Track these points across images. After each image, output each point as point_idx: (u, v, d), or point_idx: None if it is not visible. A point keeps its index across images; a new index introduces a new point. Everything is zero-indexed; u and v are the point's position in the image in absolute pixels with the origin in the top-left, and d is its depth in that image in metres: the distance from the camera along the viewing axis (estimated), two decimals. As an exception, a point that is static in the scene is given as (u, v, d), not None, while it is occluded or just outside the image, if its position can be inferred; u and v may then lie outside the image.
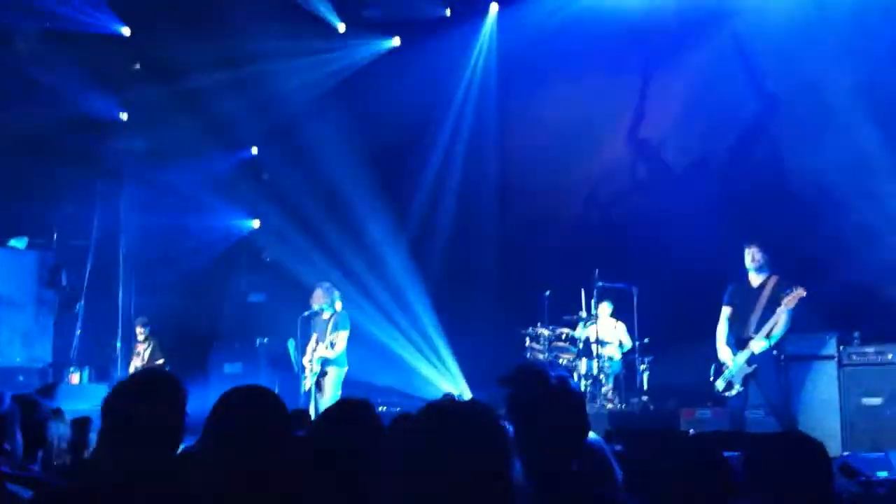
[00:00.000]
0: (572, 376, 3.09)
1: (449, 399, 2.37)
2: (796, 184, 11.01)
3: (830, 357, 8.89)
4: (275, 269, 14.78)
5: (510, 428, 2.52)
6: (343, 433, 2.99)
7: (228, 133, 13.98)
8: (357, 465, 2.82)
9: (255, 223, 15.28)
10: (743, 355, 8.59)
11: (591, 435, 3.25)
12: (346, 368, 10.73)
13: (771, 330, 8.50)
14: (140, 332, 12.71)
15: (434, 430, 1.93)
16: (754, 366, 8.54)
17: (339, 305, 10.96)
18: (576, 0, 12.06)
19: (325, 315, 10.87)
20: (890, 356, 8.73)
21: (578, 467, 2.81)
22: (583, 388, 10.50)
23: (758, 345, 8.51)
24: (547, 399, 2.81)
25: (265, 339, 13.48)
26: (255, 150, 15.12)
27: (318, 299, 10.90)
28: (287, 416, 2.81)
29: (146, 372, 3.44)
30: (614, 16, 11.85)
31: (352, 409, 3.16)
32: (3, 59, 11.45)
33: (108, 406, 2.83)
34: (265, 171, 15.14)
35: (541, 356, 10.82)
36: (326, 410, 3.29)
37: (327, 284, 11.11)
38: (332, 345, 10.62)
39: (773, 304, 8.53)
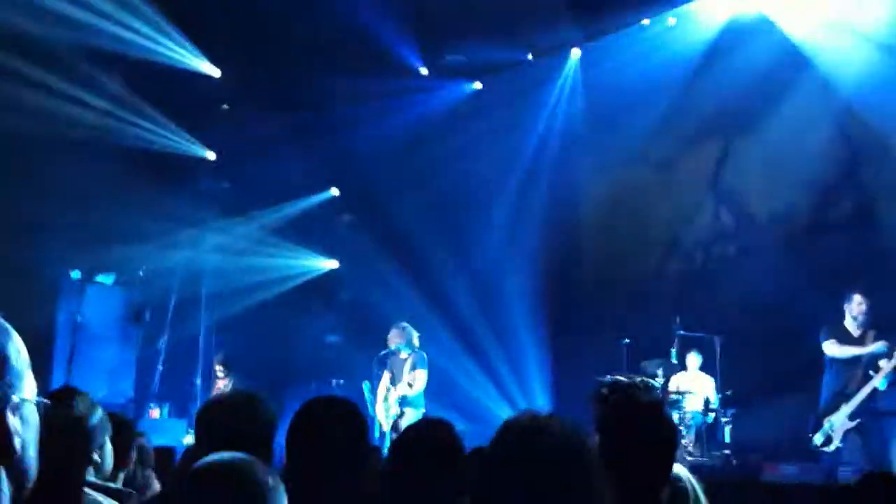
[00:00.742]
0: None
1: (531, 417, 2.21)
2: (886, 237, 10.66)
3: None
4: (351, 309, 14.86)
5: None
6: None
7: (311, 174, 14.18)
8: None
9: (333, 263, 15.42)
10: (847, 408, 8.24)
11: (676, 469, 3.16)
12: (423, 410, 10.64)
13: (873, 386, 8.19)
14: (220, 369, 12.87)
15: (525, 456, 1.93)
16: (857, 420, 8.20)
17: (416, 343, 10.88)
18: (659, 45, 11.95)
19: (403, 355, 10.81)
20: None
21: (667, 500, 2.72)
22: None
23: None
24: (635, 425, 2.73)
25: (341, 381, 13.50)
26: (335, 191, 15.30)
27: (395, 339, 10.83)
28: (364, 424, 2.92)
29: (241, 391, 3.55)
30: (697, 66, 11.73)
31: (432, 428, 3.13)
32: (90, 101, 11.80)
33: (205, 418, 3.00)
34: (345, 211, 15.29)
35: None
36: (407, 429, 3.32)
37: (404, 324, 11.01)
38: (411, 385, 10.55)
39: (874, 358, 8.22)
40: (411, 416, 10.52)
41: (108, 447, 3.16)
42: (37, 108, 10.64)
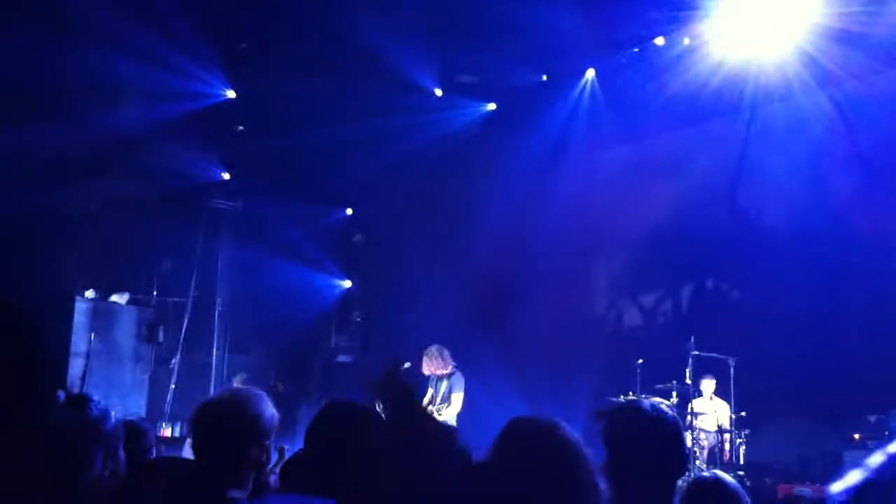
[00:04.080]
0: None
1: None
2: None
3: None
4: (365, 329, 14.87)
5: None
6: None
7: (325, 194, 14.24)
8: None
9: (347, 283, 15.44)
10: None
11: (723, 475, 3.17)
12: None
13: None
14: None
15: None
16: None
17: (451, 363, 10.43)
18: (674, 71, 11.93)
19: (440, 375, 10.40)
20: None
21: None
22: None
23: None
24: (641, 431, 2.75)
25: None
26: (349, 211, 15.34)
27: (433, 366, 10.35)
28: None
29: (229, 389, 3.66)
30: (713, 84, 11.72)
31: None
32: (110, 122, 11.89)
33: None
34: (358, 231, 15.34)
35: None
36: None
37: (436, 346, 10.50)
38: (448, 407, 10.28)
39: None
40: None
41: (121, 454, 3.19)
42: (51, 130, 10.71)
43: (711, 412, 10.86)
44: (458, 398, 10.28)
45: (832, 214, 11.20)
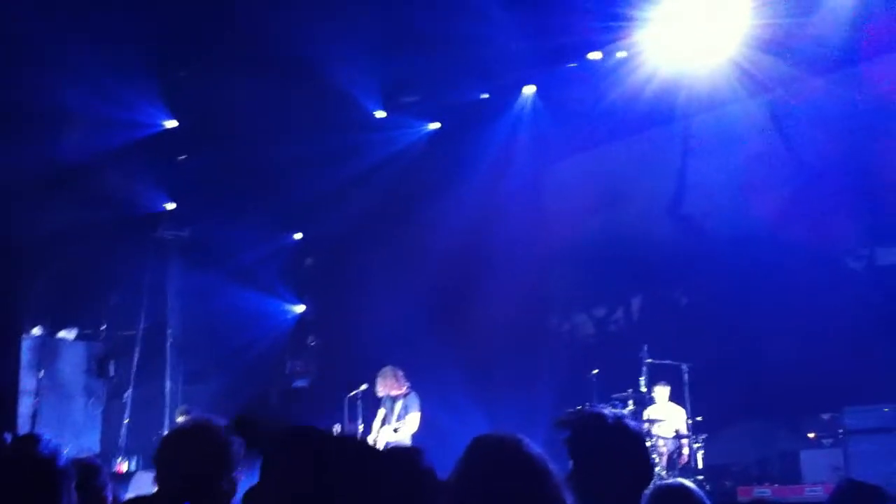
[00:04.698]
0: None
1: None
2: (842, 253, 10.88)
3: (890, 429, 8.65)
4: (319, 353, 14.77)
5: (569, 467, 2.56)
6: None
7: (275, 218, 14.14)
8: None
9: (300, 308, 15.34)
10: None
11: (687, 483, 3.19)
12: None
13: None
14: (181, 421, 12.69)
15: None
16: None
17: (405, 384, 10.44)
18: (612, 84, 12.08)
19: (394, 395, 10.39)
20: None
21: None
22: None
23: None
24: (604, 439, 2.76)
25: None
26: (299, 235, 15.26)
27: (387, 387, 10.38)
28: None
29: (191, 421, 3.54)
30: (650, 95, 11.91)
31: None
32: (53, 151, 11.70)
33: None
34: (309, 254, 15.26)
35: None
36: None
37: (389, 367, 10.53)
38: (396, 430, 10.22)
39: None
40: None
41: (74, 494, 3.11)
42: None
43: (668, 418, 10.95)
44: (413, 418, 10.26)
45: (769, 220, 11.43)
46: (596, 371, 11.05)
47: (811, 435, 10.08)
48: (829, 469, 9.06)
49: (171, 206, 14.11)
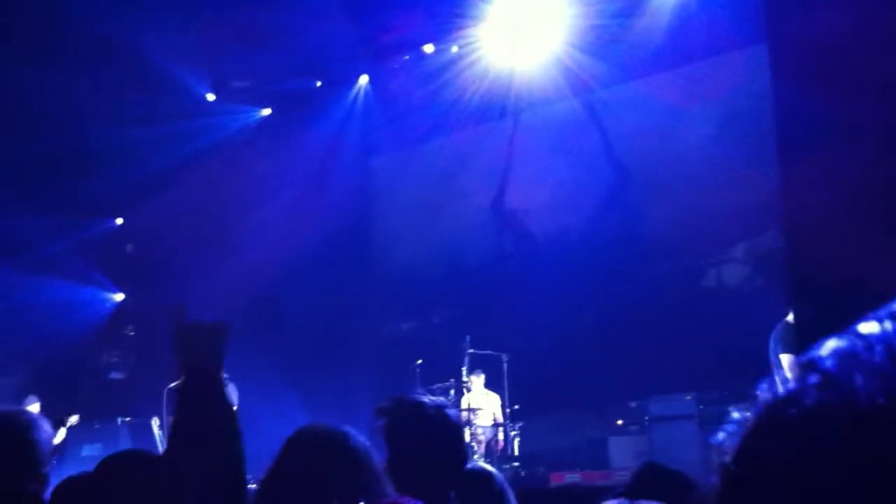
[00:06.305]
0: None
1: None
2: (650, 249, 11.49)
3: (690, 416, 9.19)
4: (138, 343, 14.27)
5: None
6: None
7: (92, 204, 13.54)
8: None
9: (119, 296, 14.77)
10: None
11: (488, 468, 3.28)
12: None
13: None
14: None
15: None
16: None
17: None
18: (444, 78, 12.28)
19: None
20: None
21: (458, 497, 2.82)
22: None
23: None
24: (423, 427, 2.83)
25: (127, 418, 12.90)
26: (119, 221, 14.69)
27: None
28: None
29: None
30: (479, 92, 12.18)
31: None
32: None
33: None
34: (130, 241, 14.71)
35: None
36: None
37: None
38: None
39: None
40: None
41: None
42: None
43: (486, 406, 11.25)
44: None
45: (588, 216, 11.95)
46: (420, 361, 11.22)
47: (619, 422, 10.57)
48: (635, 455, 9.51)
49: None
